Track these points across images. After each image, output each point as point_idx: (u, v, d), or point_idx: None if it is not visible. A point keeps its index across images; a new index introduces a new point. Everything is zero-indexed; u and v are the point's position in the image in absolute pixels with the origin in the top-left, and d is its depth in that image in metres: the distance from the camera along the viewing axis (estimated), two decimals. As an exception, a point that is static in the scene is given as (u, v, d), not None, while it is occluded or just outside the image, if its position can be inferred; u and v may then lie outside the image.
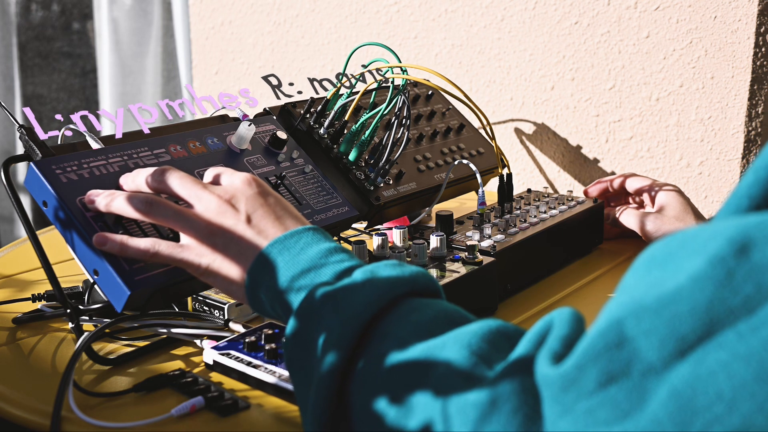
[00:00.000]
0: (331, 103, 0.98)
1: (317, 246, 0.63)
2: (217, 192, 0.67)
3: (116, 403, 0.67)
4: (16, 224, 2.61)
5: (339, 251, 0.63)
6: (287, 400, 0.67)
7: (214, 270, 0.65)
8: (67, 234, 0.71)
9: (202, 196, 0.67)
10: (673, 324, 0.38)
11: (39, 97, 2.71)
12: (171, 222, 0.66)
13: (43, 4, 2.73)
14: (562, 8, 1.25)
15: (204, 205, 0.66)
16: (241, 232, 0.65)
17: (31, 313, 0.84)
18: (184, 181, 0.68)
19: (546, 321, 0.49)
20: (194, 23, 1.67)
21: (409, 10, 1.39)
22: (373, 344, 0.53)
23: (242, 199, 0.66)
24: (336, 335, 0.54)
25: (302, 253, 0.62)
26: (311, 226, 0.66)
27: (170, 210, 0.66)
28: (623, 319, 0.40)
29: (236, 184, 0.68)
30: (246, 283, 0.64)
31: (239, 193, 0.67)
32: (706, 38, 1.15)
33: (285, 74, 1.56)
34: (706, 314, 0.37)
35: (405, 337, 0.52)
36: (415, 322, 0.54)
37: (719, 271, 0.38)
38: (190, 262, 0.66)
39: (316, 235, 0.64)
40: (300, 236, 0.63)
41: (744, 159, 1.17)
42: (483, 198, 0.96)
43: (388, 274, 0.58)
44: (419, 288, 0.58)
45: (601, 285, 0.94)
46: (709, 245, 0.39)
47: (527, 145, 1.33)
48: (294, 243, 0.63)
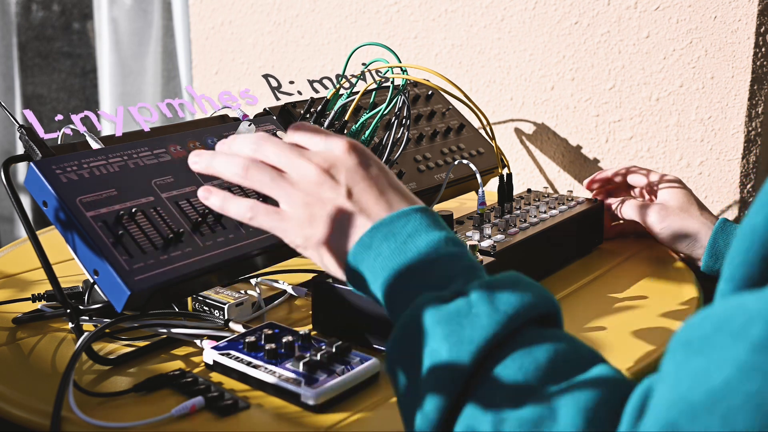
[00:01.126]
0: (331, 103, 0.98)
1: (426, 235, 0.58)
2: (315, 160, 0.61)
3: (116, 403, 0.67)
4: (16, 224, 2.61)
5: (450, 243, 0.58)
6: (287, 400, 0.67)
7: (312, 245, 0.61)
8: (67, 234, 0.71)
9: (299, 164, 0.61)
10: (728, 420, 0.37)
11: (39, 97, 2.71)
12: (267, 189, 0.62)
13: (43, 4, 2.73)
14: (562, 8, 1.25)
15: (301, 173, 0.61)
16: (342, 207, 0.60)
17: (31, 313, 0.84)
18: (280, 148, 0.63)
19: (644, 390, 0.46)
20: (194, 23, 1.67)
21: (409, 10, 1.39)
22: (485, 388, 0.50)
23: (342, 170, 0.61)
24: (446, 370, 0.50)
25: (410, 242, 0.57)
26: (418, 206, 0.60)
27: (267, 175, 0.62)
28: (677, 422, 0.39)
29: (336, 152, 0.62)
30: (345, 266, 0.60)
31: (339, 163, 0.61)
32: (706, 38, 1.15)
33: (285, 74, 1.56)
34: (758, 406, 0.37)
35: (520, 386, 0.49)
36: (532, 366, 0.50)
37: (765, 358, 0.37)
38: (287, 233, 0.62)
39: (424, 219, 0.59)
40: (407, 219, 0.58)
41: (744, 159, 1.17)
42: (483, 198, 0.96)
43: (509, 302, 0.53)
44: (539, 313, 0.54)
45: (601, 285, 0.94)
46: (750, 330, 0.38)
47: (527, 145, 1.33)
48: (401, 227, 0.58)
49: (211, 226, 0.77)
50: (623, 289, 0.92)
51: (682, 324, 0.44)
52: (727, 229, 0.98)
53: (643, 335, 0.80)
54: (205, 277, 0.75)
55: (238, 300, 0.83)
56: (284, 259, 0.86)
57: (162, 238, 0.73)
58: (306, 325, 0.84)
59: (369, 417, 0.65)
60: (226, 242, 0.76)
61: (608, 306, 0.87)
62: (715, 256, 0.97)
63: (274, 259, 0.84)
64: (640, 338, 0.80)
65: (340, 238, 0.60)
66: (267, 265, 0.83)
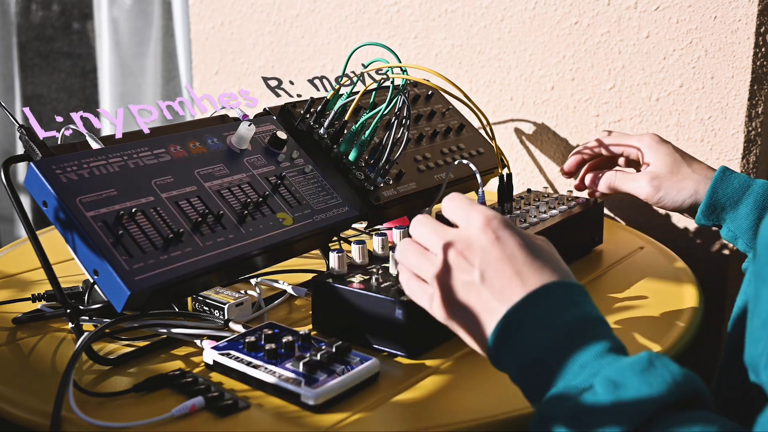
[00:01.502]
0: (331, 103, 0.98)
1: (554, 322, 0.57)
2: (452, 238, 0.62)
3: (116, 403, 0.67)
4: (16, 224, 2.61)
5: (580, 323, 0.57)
6: (287, 400, 0.67)
7: (455, 326, 0.62)
8: (67, 234, 0.71)
9: (436, 246, 0.63)
10: None
11: (39, 97, 2.71)
12: (415, 270, 0.64)
13: (43, 4, 2.73)
14: (562, 8, 1.25)
15: (438, 256, 0.62)
16: (477, 291, 0.60)
17: (31, 313, 0.84)
18: (422, 229, 0.64)
19: None
20: (194, 23, 1.67)
21: (409, 10, 1.39)
22: None
23: (477, 252, 0.60)
24: None
25: (538, 331, 0.57)
26: (553, 282, 0.59)
27: (412, 259, 0.64)
28: None
29: (472, 230, 0.62)
30: (488, 350, 0.60)
31: (474, 243, 0.61)
32: (706, 38, 1.15)
33: (285, 74, 1.56)
34: None
35: None
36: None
37: None
38: (435, 313, 0.63)
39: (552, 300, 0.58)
40: (540, 302, 0.58)
41: (744, 159, 1.17)
42: (483, 198, 0.96)
43: (637, 395, 0.50)
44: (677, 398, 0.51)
45: (601, 285, 0.94)
46: None
47: (527, 145, 1.33)
48: (533, 311, 0.58)
49: (211, 226, 0.77)
50: (623, 289, 0.92)
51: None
52: (728, 178, 0.96)
53: (643, 335, 0.80)
54: (205, 277, 0.75)
55: (238, 300, 0.83)
56: (284, 259, 0.86)
57: (162, 238, 0.73)
58: (306, 325, 0.84)
59: (369, 417, 0.65)
60: (226, 242, 0.76)
61: (608, 306, 0.87)
62: (711, 208, 0.96)
63: (274, 259, 0.84)
64: (640, 338, 0.80)
65: (477, 323, 0.60)
66: (267, 265, 0.83)
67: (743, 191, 0.95)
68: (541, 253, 0.61)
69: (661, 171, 1.00)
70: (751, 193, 0.94)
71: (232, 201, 0.81)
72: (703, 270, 1.06)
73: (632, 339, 0.80)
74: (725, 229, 0.96)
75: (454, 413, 0.66)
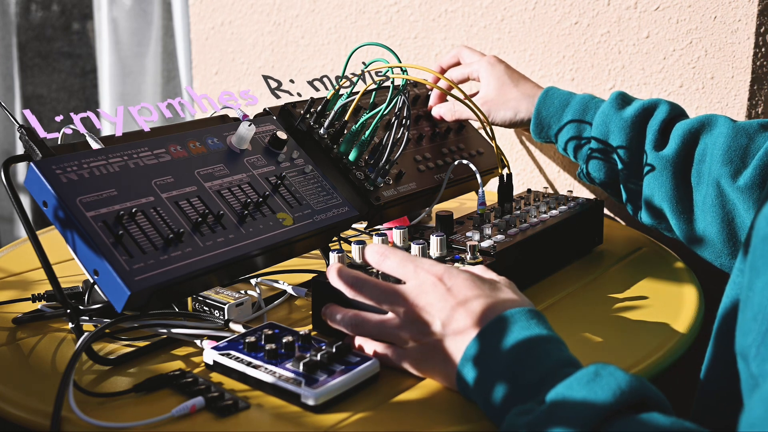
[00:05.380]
0: (331, 104, 0.98)
1: (505, 350, 0.63)
2: (406, 298, 0.70)
3: (116, 403, 0.67)
4: (16, 224, 2.61)
5: (535, 345, 0.63)
6: (287, 400, 0.67)
7: (428, 375, 0.70)
8: (67, 234, 0.71)
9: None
10: None
11: (39, 97, 2.71)
12: (377, 338, 0.72)
13: (43, 4, 2.73)
14: (562, 8, 1.25)
15: (398, 318, 0.70)
16: (439, 340, 0.68)
17: (31, 313, 0.84)
18: (372, 290, 0.72)
19: None
20: (194, 23, 1.67)
21: (409, 10, 1.39)
22: None
23: (435, 305, 0.68)
24: None
25: (493, 360, 0.63)
26: (498, 316, 0.66)
27: (372, 330, 0.72)
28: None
29: (426, 287, 0.70)
30: (458, 388, 0.68)
31: (430, 299, 0.69)
32: (706, 38, 1.15)
33: (285, 74, 1.56)
34: None
35: None
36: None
37: None
38: (409, 369, 0.71)
39: (507, 330, 0.64)
40: (488, 336, 0.65)
41: (744, 159, 1.17)
42: (483, 198, 0.96)
43: (584, 403, 0.54)
44: (623, 404, 0.54)
45: (601, 285, 0.94)
46: None
47: (527, 145, 1.33)
48: (486, 344, 0.65)
49: (211, 226, 0.77)
50: (623, 289, 0.92)
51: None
52: (551, 97, 1.03)
53: (643, 335, 0.80)
54: (205, 277, 0.75)
55: (238, 300, 0.83)
56: (284, 259, 0.86)
57: (162, 238, 0.73)
58: (306, 325, 0.84)
59: (369, 417, 0.65)
60: (226, 242, 0.76)
61: (608, 306, 0.87)
62: (540, 126, 1.04)
63: (274, 260, 0.84)
64: (640, 338, 0.80)
65: (444, 368, 0.69)
66: (267, 265, 0.83)
67: (564, 107, 1.03)
68: (485, 289, 0.69)
69: (489, 94, 1.07)
70: (570, 107, 1.02)
71: (232, 201, 0.81)
72: (703, 270, 1.06)
73: (632, 339, 0.80)
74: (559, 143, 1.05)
75: (454, 414, 0.66)
